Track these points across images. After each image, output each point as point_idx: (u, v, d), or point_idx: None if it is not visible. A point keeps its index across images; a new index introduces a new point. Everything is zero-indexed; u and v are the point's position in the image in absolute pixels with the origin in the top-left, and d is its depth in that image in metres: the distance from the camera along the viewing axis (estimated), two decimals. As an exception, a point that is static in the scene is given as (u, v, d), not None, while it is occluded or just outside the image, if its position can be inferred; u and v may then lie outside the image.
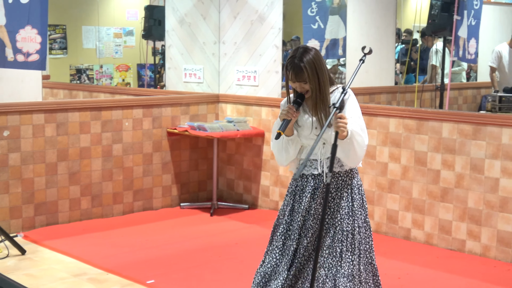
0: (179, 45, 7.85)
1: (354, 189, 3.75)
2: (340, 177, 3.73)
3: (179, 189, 7.45)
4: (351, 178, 3.75)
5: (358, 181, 3.79)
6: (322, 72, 3.61)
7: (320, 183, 3.74)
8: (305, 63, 3.55)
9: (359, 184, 3.79)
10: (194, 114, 7.48)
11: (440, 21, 7.00)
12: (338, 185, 3.74)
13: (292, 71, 3.58)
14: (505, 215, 5.57)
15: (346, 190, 3.74)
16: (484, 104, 8.21)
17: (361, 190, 3.79)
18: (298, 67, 3.55)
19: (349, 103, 3.65)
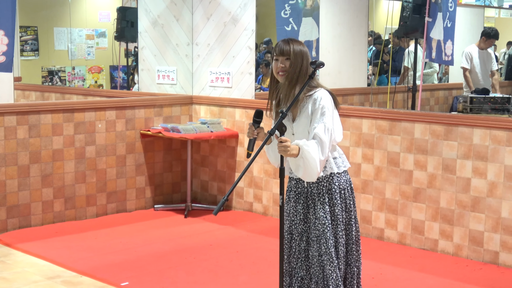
0: (152, 46, 7.84)
1: (335, 194, 3.77)
2: (320, 182, 3.77)
3: (153, 191, 7.43)
4: (331, 183, 3.77)
5: (340, 185, 3.80)
6: (306, 60, 3.71)
7: (302, 187, 3.82)
8: (292, 41, 3.72)
9: (342, 188, 3.80)
10: (167, 116, 7.48)
11: (412, 23, 7.06)
12: (319, 190, 3.78)
13: (278, 46, 3.71)
14: (477, 214, 5.64)
15: (327, 194, 3.78)
16: (455, 105, 8.31)
17: (343, 194, 3.81)
18: (285, 41, 3.72)
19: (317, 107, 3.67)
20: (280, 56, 3.72)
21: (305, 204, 3.82)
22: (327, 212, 3.76)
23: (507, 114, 7.16)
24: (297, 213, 3.84)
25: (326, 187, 3.77)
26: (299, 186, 3.83)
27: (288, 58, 3.70)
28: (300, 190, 3.83)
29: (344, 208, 3.82)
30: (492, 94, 7.78)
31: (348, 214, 3.83)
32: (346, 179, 3.84)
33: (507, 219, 5.48)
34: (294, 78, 3.71)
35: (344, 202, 3.81)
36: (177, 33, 7.69)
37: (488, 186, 5.56)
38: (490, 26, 9.86)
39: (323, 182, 3.77)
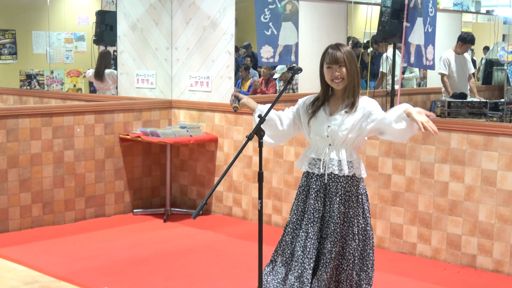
0: (131, 50, 7.83)
1: (352, 197, 3.84)
2: (339, 182, 3.83)
3: (132, 196, 7.42)
4: (350, 185, 3.84)
5: (358, 189, 3.86)
6: (357, 65, 3.82)
7: (322, 184, 3.86)
8: (341, 47, 3.80)
9: (359, 193, 3.87)
10: (146, 120, 7.47)
11: (390, 28, 7.10)
12: (337, 189, 3.84)
13: (328, 53, 3.78)
14: (454, 218, 5.69)
15: (344, 196, 3.84)
16: (433, 109, 8.36)
17: (360, 199, 3.87)
18: (336, 48, 3.79)
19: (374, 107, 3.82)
20: (334, 64, 3.77)
21: (323, 202, 3.87)
22: (342, 212, 3.82)
23: (484, 118, 7.23)
24: (315, 211, 3.87)
25: (345, 188, 3.84)
26: (319, 183, 3.87)
27: (342, 65, 3.76)
28: (319, 187, 3.87)
29: (361, 213, 3.87)
30: (470, 99, 7.84)
31: (365, 220, 3.89)
32: (363, 185, 3.91)
33: (484, 222, 5.53)
34: (354, 84, 3.81)
35: (362, 207, 3.87)
36: (156, 37, 7.68)
37: (466, 190, 5.61)
38: (467, 31, 9.95)
39: (343, 182, 3.83)
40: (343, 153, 3.81)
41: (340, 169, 3.81)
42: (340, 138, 3.80)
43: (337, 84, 3.80)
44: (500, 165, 5.43)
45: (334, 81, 3.79)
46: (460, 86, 8.54)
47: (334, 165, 3.82)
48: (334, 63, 3.77)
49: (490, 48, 11.07)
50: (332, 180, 3.84)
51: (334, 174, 3.83)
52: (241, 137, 7.06)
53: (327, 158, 3.83)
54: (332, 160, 3.82)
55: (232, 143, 7.15)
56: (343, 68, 3.76)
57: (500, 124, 5.57)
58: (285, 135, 4.03)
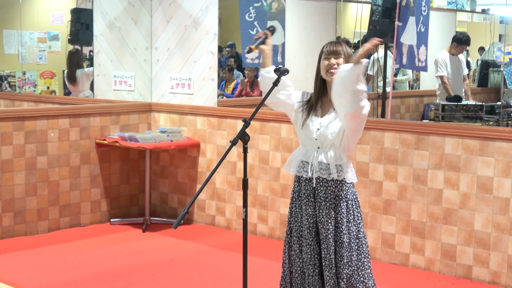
0: (109, 50, 7.81)
1: (341, 202, 3.87)
2: (328, 186, 3.87)
3: (109, 204, 7.39)
4: (339, 190, 3.88)
5: (348, 194, 3.90)
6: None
7: (311, 188, 3.91)
8: (344, 45, 3.90)
9: (349, 199, 3.90)
10: (124, 124, 7.45)
11: (381, 28, 7.13)
12: (326, 194, 3.88)
13: (329, 44, 3.88)
14: (449, 227, 5.71)
15: (334, 200, 3.87)
16: (427, 112, 8.40)
17: (350, 205, 3.90)
18: (335, 42, 3.91)
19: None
20: (332, 55, 3.86)
21: (315, 207, 3.91)
22: (332, 218, 3.86)
23: (479, 122, 7.26)
24: (309, 216, 3.92)
25: (334, 193, 3.87)
26: (308, 187, 3.92)
27: (340, 56, 3.85)
28: (309, 192, 3.92)
29: (352, 220, 3.89)
30: (465, 102, 7.87)
31: (357, 227, 3.91)
32: (353, 191, 3.94)
33: (480, 231, 5.55)
34: None
35: (352, 214, 3.89)
36: (135, 36, 7.67)
37: (461, 197, 5.64)
38: (462, 31, 9.99)
39: (332, 186, 3.87)
40: (331, 156, 3.84)
41: (329, 173, 3.85)
42: (329, 140, 3.84)
43: (330, 75, 3.84)
44: (496, 171, 5.46)
45: (329, 71, 3.85)
46: (455, 89, 8.57)
47: (322, 168, 3.86)
48: (333, 54, 3.86)
49: (486, 49, 11.12)
50: (321, 184, 3.88)
51: (323, 178, 3.86)
52: (224, 142, 7.06)
53: (315, 162, 3.87)
54: (321, 163, 3.86)
55: (215, 149, 7.15)
56: (340, 59, 3.84)
57: (496, 128, 5.60)
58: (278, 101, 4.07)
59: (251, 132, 6.76)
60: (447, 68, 8.60)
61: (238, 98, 8.55)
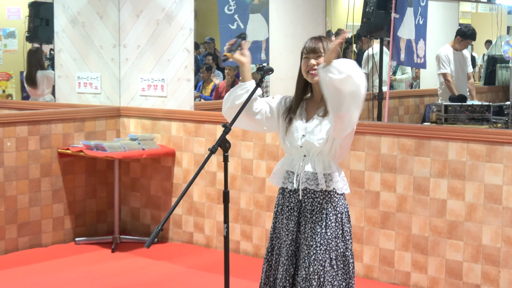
0: (72, 49, 7.80)
1: (330, 215, 3.86)
2: (315, 198, 3.86)
3: (74, 221, 7.37)
4: (327, 202, 3.87)
5: (338, 207, 3.89)
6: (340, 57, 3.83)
7: (297, 201, 3.90)
8: (325, 39, 3.87)
9: (339, 212, 3.89)
10: (90, 131, 7.44)
11: (376, 20, 7.16)
12: (313, 206, 3.87)
13: (309, 41, 3.87)
14: (454, 242, 5.73)
15: (320, 214, 3.86)
16: (428, 114, 8.42)
17: (340, 219, 3.89)
18: (316, 38, 3.88)
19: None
20: (311, 54, 3.84)
21: (298, 222, 3.90)
22: (317, 233, 3.83)
23: (486, 124, 7.29)
24: (289, 232, 3.91)
25: (322, 205, 3.86)
26: (293, 200, 3.91)
27: (321, 55, 3.83)
28: (293, 205, 3.91)
29: (341, 236, 3.88)
30: (470, 102, 7.91)
31: (345, 244, 3.90)
32: (344, 203, 3.93)
33: (489, 246, 5.58)
34: None
35: (341, 229, 3.89)
36: (101, 33, 7.66)
37: (467, 208, 5.66)
38: (466, 23, 10.04)
39: (320, 198, 3.86)
40: (319, 164, 3.84)
41: (317, 183, 3.85)
42: (316, 148, 3.84)
43: (312, 76, 3.84)
44: (506, 179, 5.49)
45: (309, 73, 3.85)
46: (459, 88, 8.61)
47: (309, 178, 3.86)
48: (312, 52, 3.85)
49: (492, 43, 11.18)
50: (308, 196, 3.88)
51: (310, 189, 3.86)
52: (202, 150, 7.06)
53: (301, 171, 3.87)
54: (307, 173, 3.86)
55: (192, 157, 7.15)
56: (321, 58, 3.82)
57: (505, 131, 5.63)
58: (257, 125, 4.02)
59: (232, 138, 6.77)
60: (450, 64, 8.64)
61: (217, 101, 8.55)
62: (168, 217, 3.57)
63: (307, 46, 3.87)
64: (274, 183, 4.01)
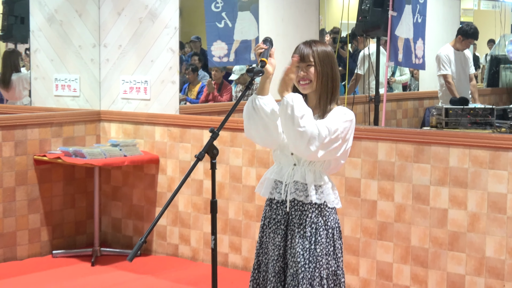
0: (49, 49, 7.79)
1: (321, 230, 3.82)
2: (304, 211, 3.83)
3: (51, 233, 7.35)
4: (318, 215, 3.84)
5: (329, 221, 3.86)
6: (335, 64, 3.85)
7: (284, 213, 3.87)
8: (314, 44, 3.85)
9: (330, 227, 3.86)
10: (68, 137, 7.42)
11: (373, 18, 7.17)
12: (301, 220, 3.84)
13: (296, 49, 3.85)
14: (456, 254, 5.74)
15: (310, 228, 3.82)
16: (427, 118, 8.44)
17: (331, 234, 3.86)
18: (306, 44, 3.85)
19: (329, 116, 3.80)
20: (301, 63, 3.83)
21: (285, 236, 3.87)
22: (306, 250, 3.80)
23: (490, 129, 7.31)
24: (276, 247, 3.88)
25: (311, 219, 3.83)
26: (280, 212, 3.89)
27: (311, 64, 3.82)
28: (280, 217, 3.88)
29: (332, 253, 3.86)
30: (472, 105, 7.93)
31: (336, 262, 3.88)
32: (335, 218, 3.91)
33: (493, 258, 5.59)
34: (326, 90, 3.84)
35: (333, 245, 3.86)
36: (80, 32, 7.65)
37: (469, 218, 5.67)
38: (468, 21, 10.07)
39: (309, 211, 3.83)
40: (310, 175, 3.82)
41: (306, 195, 3.82)
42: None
43: (303, 88, 3.85)
44: (510, 187, 5.50)
45: (300, 83, 3.85)
46: (461, 90, 8.63)
47: (298, 189, 3.84)
48: (301, 61, 3.84)
49: (495, 42, 11.22)
50: (296, 208, 3.85)
51: (299, 200, 3.84)
52: (188, 157, 7.06)
53: (290, 181, 3.85)
54: (297, 183, 3.84)
55: (178, 165, 7.14)
56: (311, 68, 3.82)
57: (509, 136, 5.64)
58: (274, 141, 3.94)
59: (220, 144, 6.77)
60: (451, 65, 8.66)
61: (204, 104, 8.56)
62: (152, 228, 3.56)
63: (296, 53, 3.86)
64: (261, 193, 3.98)
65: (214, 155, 3.74)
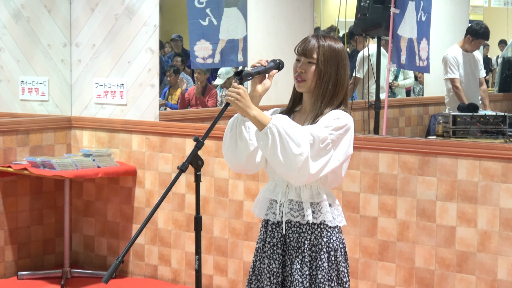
0: (14, 48, 7.78)
1: (321, 254, 3.78)
2: (302, 233, 3.79)
3: (16, 252, 7.34)
4: (318, 237, 3.79)
5: (330, 242, 3.81)
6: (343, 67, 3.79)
7: (280, 236, 3.83)
8: (324, 39, 3.80)
9: (332, 248, 3.81)
10: (36, 146, 7.41)
11: (373, 16, 7.19)
12: (299, 243, 3.79)
13: (302, 41, 3.80)
14: (465, 276, 5.75)
15: (310, 252, 3.79)
16: (433, 126, 8.45)
17: (333, 257, 3.80)
18: (314, 37, 3.81)
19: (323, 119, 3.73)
20: (302, 56, 3.81)
21: (283, 262, 3.83)
22: (305, 277, 3.76)
23: (502, 138, 7.33)
24: (272, 275, 3.82)
25: (311, 241, 3.79)
26: (276, 234, 3.84)
27: (313, 62, 3.78)
28: (276, 240, 3.83)
29: (335, 278, 3.81)
30: (483, 112, 7.95)
31: (341, 287, 3.82)
32: (339, 237, 3.85)
33: (505, 281, 5.60)
34: (325, 93, 3.78)
35: (336, 269, 3.81)
36: (49, 29, 7.65)
37: (479, 237, 5.69)
38: (478, 20, 10.09)
39: (307, 233, 3.78)
40: (305, 191, 3.76)
41: (302, 215, 3.77)
42: None
43: (297, 85, 3.82)
44: (524, 203, 5.53)
45: (296, 79, 3.83)
46: (470, 95, 8.65)
47: (293, 209, 3.79)
48: (302, 55, 3.81)
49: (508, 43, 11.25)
50: (293, 230, 3.80)
51: (295, 221, 3.79)
52: (169, 168, 7.06)
53: (284, 200, 3.81)
54: (291, 202, 3.79)
55: (157, 177, 7.14)
56: (312, 67, 3.77)
57: (523, 147, 5.67)
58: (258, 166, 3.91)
59: (204, 154, 6.77)
60: (459, 68, 8.67)
61: (186, 110, 8.55)
62: (130, 247, 3.56)
63: (298, 46, 3.82)
64: (256, 214, 3.93)
65: (199, 167, 3.71)
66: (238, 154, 3.80)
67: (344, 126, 3.74)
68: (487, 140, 7.19)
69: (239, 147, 3.77)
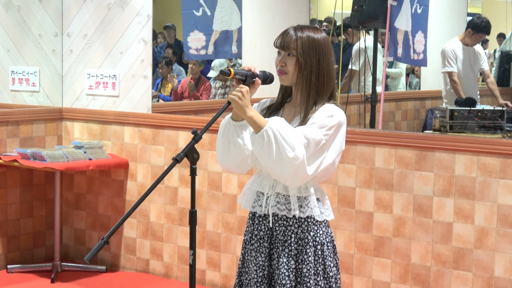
0: (4, 38, 7.77)
1: (307, 248, 3.79)
2: (289, 226, 3.80)
3: (5, 245, 7.34)
4: (304, 231, 3.80)
5: (317, 236, 3.82)
6: (325, 57, 3.77)
7: (266, 229, 3.84)
8: (302, 30, 3.78)
9: (318, 243, 3.82)
10: (26, 137, 7.42)
11: (370, 8, 7.19)
12: (286, 236, 3.80)
13: (281, 34, 3.79)
14: (461, 273, 5.77)
15: (296, 245, 3.80)
16: (430, 121, 8.47)
17: (320, 251, 3.81)
18: (293, 28, 3.80)
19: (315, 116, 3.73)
20: (281, 49, 3.80)
21: (269, 255, 3.84)
22: (292, 270, 3.78)
23: (500, 133, 7.34)
24: (258, 268, 3.84)
25: (297, 235, 3.80)
26: (262, 227, 3.85)
27: (291, 54, 3.77)
28: (262, 233, 3.85)
29: (322, 272, 3.82)
30: (481, 106, 7.96)
31: (328, 282, 3.84)
32: (326, 231, 3.86)
33: (503, 278, 5.62)
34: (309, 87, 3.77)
35: (323, 263, 3.82)
36: (40, 19, 7.65)
37: (476, 233, 5.71)
38: (478, 14, 10.09)
39: (294, 226, 3.79)
40: None
41: (289, 208, 3.78)
42: None
43: (280, 79, 3.83)
44: (522, 199, 5.55)
45: (278, 74, 3.83)
46: (467, 89, 8.65)
47: (280, 202, 3.80)
48: (281, 48, 3.80)
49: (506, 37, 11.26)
50: (280, 223, 3.81)
51: (282, 215, 3.80)
52: (162, 161, 7.07)
53: (272, 193, 3.82)
54: (278, 195, 3.80)
55: (149, 170, 7.15)
56: (292, 59, 3.76)
57: (522, 142, 5.69)
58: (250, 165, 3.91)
59: (197, 147, 6.75)
60: (458, 62, 8.67)
61: (179, 102, 8.55)
62: (117, 228, 3.55)
63: (276, 39, 3.82)
64: (242, 205, 3.94)
65: (195, 160, 3.72)
66: (232, 159, 3.82)
67: (338, 123, 3.75)
68: (485, 135, 7.20)
69: (233, 152, 3.79)
